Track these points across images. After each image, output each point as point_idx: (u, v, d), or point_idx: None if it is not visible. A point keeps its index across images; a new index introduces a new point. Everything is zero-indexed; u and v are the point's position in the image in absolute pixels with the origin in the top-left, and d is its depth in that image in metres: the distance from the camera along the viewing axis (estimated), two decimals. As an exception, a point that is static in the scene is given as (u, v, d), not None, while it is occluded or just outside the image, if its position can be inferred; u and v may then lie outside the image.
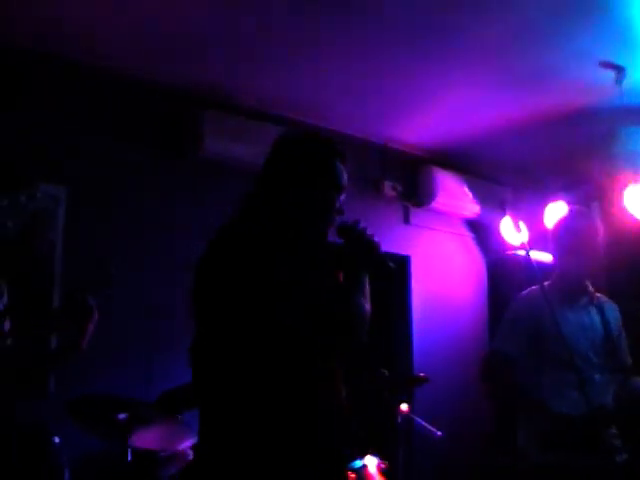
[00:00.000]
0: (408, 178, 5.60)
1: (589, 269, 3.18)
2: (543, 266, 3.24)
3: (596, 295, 3.23)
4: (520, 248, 3.20)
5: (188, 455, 3.38)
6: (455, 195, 5.56)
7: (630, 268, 4.91)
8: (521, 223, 3.45)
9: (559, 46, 4.02)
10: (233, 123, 4.55)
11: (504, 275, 5.51)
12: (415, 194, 5.60)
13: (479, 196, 5.63)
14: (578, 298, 3.19)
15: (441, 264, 5.73)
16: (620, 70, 4.23)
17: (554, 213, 4.50)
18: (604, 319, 3.14)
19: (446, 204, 5.59)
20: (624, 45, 4.01)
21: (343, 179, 2.19)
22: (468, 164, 5.68)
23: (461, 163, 5.66)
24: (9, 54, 3.96)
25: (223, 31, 3.95)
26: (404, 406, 3.88)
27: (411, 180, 5.61)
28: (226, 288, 1.98)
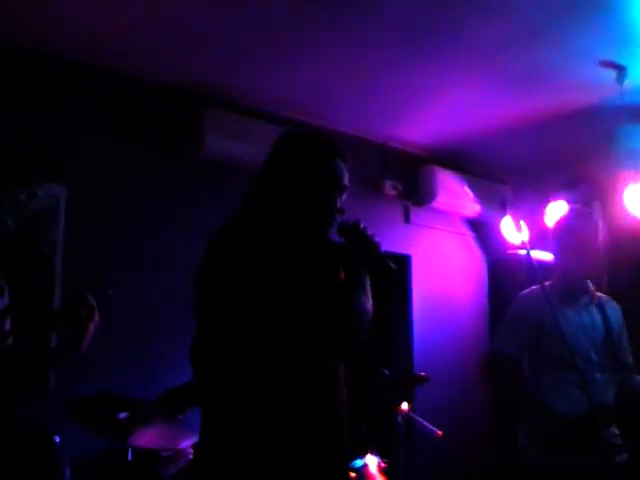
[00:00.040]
0: (408, 177, 5.60)
1: (590, 268, 3.18)
2: (544, 265, 3.25)
3: (597, 294, 3.23)
4: (521, 247, 3.21)
5: (189, 454, 3.39)
6: (456, 194, 5.56)
7: (631, 267, 4.91)
8: (522, 222, 3.44)
9: (560, 45, 4.02)
10: (233, 122, 4.54)
11: (505, 274, 5.51)
12: (415, 193, 5.60)
13: (480, 195, 5.62)
14: (579, 297, 3.19)
15: (442, 263, 5.73)
16: (621, 69, 4.23)
17: (555, 212, 4.50)
18: (605, 318, 3.14)
19: (447, 203, 5.58)
20: (625, 44, 4.01)
21: (344, 179, 2.18)
22: (468, 163, 5.68)
23: (462, 162, 5.66)
24: (9, 54, 3.96)
25: (223, 31, 3.95)
26: (404, 405, 3.88)
27: (411, 179, 5.61)
28: (226, 288, 1.98)
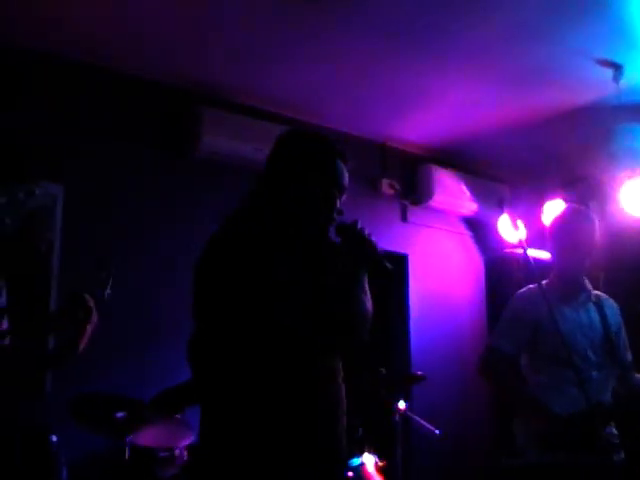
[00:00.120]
0: (406, 176, 5.60)
1: (587, 267, 3.18)
2: (541, 264, 3.24)
3: (594, 292, 3.23)
4: (518, 246, 3.20)
5: (185, 455, 3.39)
6: (453, 193, 5.56)
7: (628, 266, 4.91)
8: (519, 221, 3.44)
9: (557, 44, 4.02)
10: (231, 121, 4.54)
11: (502, 273, 5.51)
12: (413, 192, 5.60)
13: (477, 194, 5.62)
14: (576, 296, 3.18)
15: (439, 262, 5.73)
16: (618, 68, 4.24)
17: (552, 211, 4.50)
18: (603, 316, 3.13)
19: (444, 202, 5.58)
20: (622, 43, 4.02)
21: (344, 178, 2.18)
22: (466, 162, 5.68)
23: (459, 161, 5.66)
24: (9, 54, 3.96)
25: (221, 31, 3.95)
26: (402, 404, 3.89)
27: (409, 178, 5.61)
28: (225, 288, 1.98)
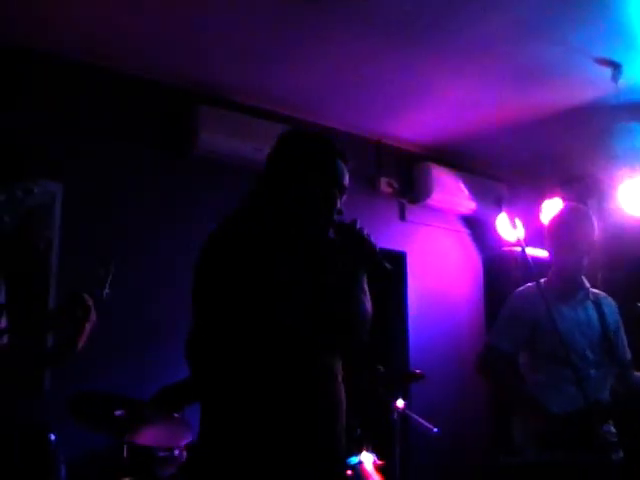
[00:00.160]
0: (404, 174, 5.60)
1: (585, 266, 3.18)
2: (539, 263, 3.25)
3: (593, 291, 3.23)
4: (516, 245, 3.20)
5: (184, 454, 3.39)
6: (451, 191, 5.56)
7: (627, 264, 4.92)
8: (517, 220, 3.45)
9: (555, 43, 4.02)
10: (228, 120, 4.54)
11: (500, 272, 5.51)
12: (411, 190, 5.60)
13: (475, 192, 5.62)
14: (574, 294, 3.18)
15: (437, 260, 5.73)
16: (616, 67, 4.24)
17: (550, 210, 4.51)
18: (601, 315, 3.13)
19: (442, 200, 5.58)
20: (620, 42, 4.01)
21: (344, 179, 2.18)
22: (464, 160, 5.68)
23: (457, 159, 5.66)
24: (9, 54, 3.96)
25: (218, 30, 3.95)
26: (400, 402, 3.89)
27: (407, 176, 5.61)
28: (227, 287, 1.98)
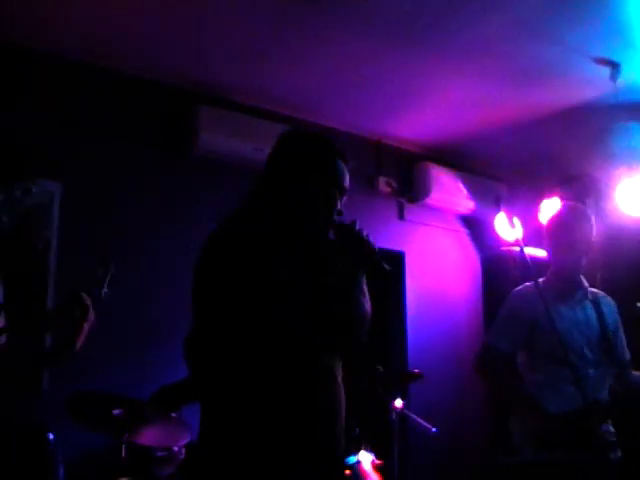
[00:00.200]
0: (403, 174, 5.60)
1: (583, 265, 3.18)
2: (538, 262, 3.25)
3: (591, 290, 3.23)
4: (515, 244, 3.20)
5: (182, 454, 3.39)
6: (450, 191, 5.56)
7: (625, 263, 4.92)
8: (516, 219, 3.45)
9: (554, 42, 4.02)
10: (228, 120, 4.53)
11: (499, 271, 5.51)
12: (410, 190, 5.60)
13: (474, 192, 5.62)
14: (573, 294, 3.19)
15: (436, 260, 5.73)
16: (615, 66, 4.24)
17: (549, 209, 4.50)
18: (600, 314, 3.13)
19: (441, 200, 5.58)
20: (619, 41, 4.01)
21: (344, 179, 2.18)
22: (463, 160, 5.68)
23: (456, 159, 5.66)
24: (9, 54, 3.96)
25: (217, 30, 3.95)
26: (399, 402, 3.89)
27: (406, 176, 5.61)
28: (227, 287, 1.98)
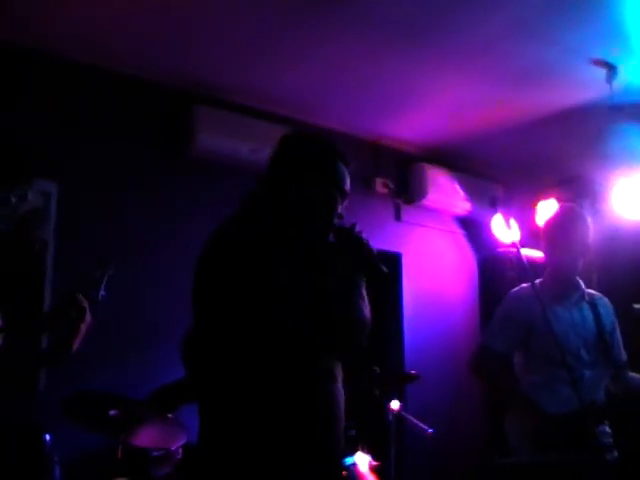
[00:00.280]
0: (400, 175, 5.60)
1: (580, 266, 3.19)
2: (534, 263, 3.25)
3: (588, 292, 3.24)
4: (511, 245, 3.20)
5: (179, 454, 3.38)
6: (446, 192, 5.56)
7: (622, 265, 4.93)
8: (512, 220, 3.45)
9: (551, 44, 4.02)
10: (225, 120, 4.53)
11: (495, 272, 5.52)
12: (406, 191, 5.60)
13: (470, 193, 5.63)
14: (569, 295, 3.19)
15: (432, 261, 5.74)
16: (611, 68, 4.24)
17: (545, 210, 4.50)
18: (596, 316, 3.14)
19: (437, 201, 5.59)
20: (616, 43, 4.02)
21: (345, 182, 2.18)
22: (459, 161, 5.68)
23: (453, 160, 5.67)
24: (9, 54, 3.95)
25: (216, 29, 3.95)
26: (395, 404, 3.89)
27: (403, 177, 5.61)
28: (227, 288, 1.98)
